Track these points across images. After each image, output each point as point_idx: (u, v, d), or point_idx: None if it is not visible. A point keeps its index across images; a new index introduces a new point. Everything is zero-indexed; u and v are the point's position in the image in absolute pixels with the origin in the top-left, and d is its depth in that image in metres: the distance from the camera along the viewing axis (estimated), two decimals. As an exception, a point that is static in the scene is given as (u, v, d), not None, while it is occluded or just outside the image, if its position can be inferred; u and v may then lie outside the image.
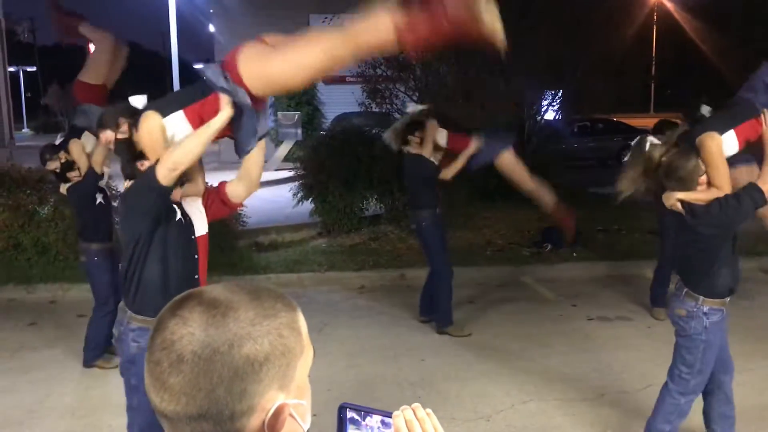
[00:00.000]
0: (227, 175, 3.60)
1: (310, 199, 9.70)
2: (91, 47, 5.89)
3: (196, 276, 3.29)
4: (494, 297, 7.22)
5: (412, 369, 5.37)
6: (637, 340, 6.00)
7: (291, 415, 0.91)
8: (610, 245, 8.85)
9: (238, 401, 0.86)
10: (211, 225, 3.45)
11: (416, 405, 0.98)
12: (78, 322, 6.73)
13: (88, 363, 5.51)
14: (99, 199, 5.35)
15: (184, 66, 26.80)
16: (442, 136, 6.00)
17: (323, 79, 22.19)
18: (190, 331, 0.87)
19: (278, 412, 0.90)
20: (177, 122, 3.06)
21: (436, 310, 6.18)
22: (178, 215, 3.21)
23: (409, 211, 6.33)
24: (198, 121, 3.05)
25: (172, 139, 3.05)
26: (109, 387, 5.17)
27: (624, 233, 9.43)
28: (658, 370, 5.29)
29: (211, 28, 24.18)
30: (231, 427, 0.87)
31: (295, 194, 9.84)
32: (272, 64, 2.83)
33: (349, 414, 1.00)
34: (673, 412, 3.75)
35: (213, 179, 3.70)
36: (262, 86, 2.93)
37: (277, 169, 16.28)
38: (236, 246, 8.40)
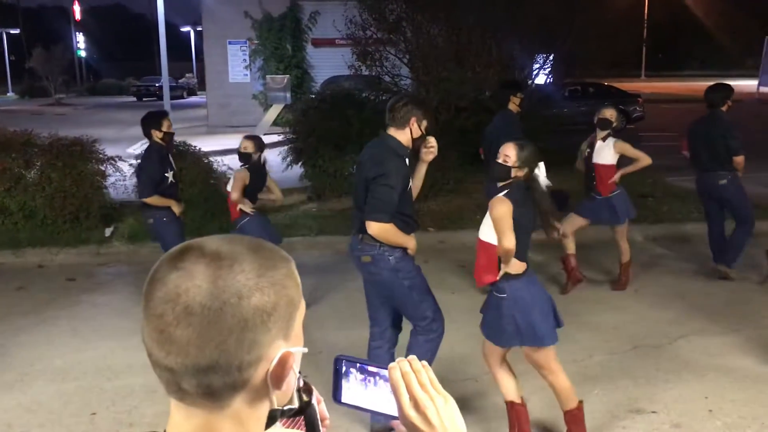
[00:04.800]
0: (216, 140, 3.55)
1: (300, 164, 9.65)
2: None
3: None
4: (484, 261, 7.24)
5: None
6: (624, 302, 6.07)
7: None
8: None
9: (248, 352, 0.87)
10: (201, 191, 3.43)
11: (412, 357, 0.99)
12: (67, 285, 6.73)
13: None
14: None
15: (171, 29, 26.41)
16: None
17: (312, 42, 22.08)
18: (196, 283, 0.86)
19: (283, 361, 0.91)
20: None
21: None
22: None
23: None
24: None
25: None
26: (100, 350, 5.19)
27: (613, 197, 9.40)
28: (644, 332, 5.36)
29: (198, -11, 23.77)
30: (238, 377, 0.88)
31: (284, 158, 9.78)
32: None
33: (345, 366, 1.00)
34: None
35: (202, 144, 3.66)
36: None
37: (266, 134, 16.16)
38: (227, 211, 8.35)
